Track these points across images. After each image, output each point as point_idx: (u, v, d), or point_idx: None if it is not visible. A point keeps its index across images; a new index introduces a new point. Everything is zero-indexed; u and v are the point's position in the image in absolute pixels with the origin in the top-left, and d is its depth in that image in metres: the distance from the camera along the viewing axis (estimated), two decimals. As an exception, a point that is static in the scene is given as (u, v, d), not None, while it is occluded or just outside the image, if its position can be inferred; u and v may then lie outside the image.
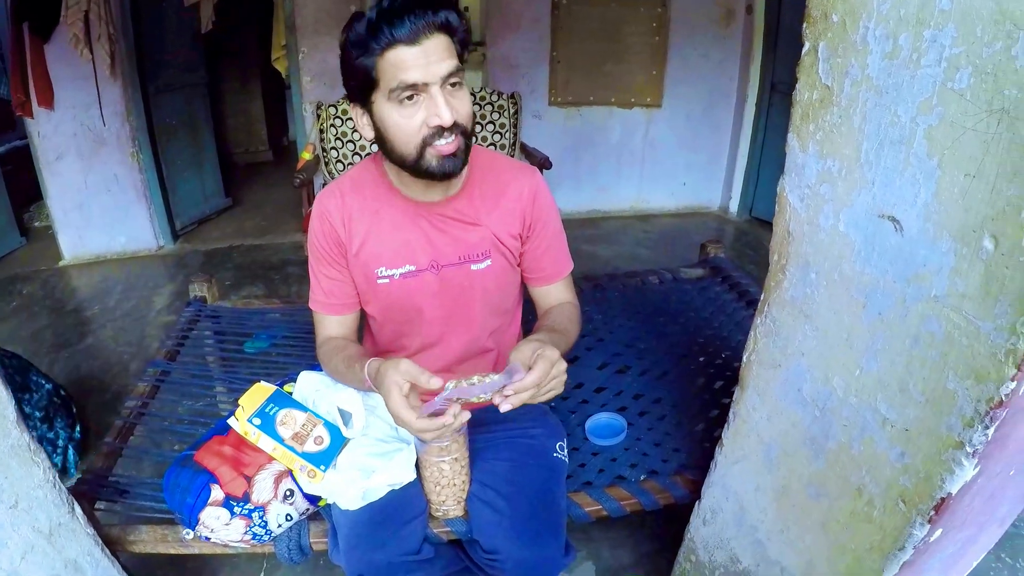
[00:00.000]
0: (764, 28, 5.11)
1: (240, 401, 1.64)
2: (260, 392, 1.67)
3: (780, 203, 1.22)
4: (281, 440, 1.57)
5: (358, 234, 1.55)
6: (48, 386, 2.78)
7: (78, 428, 2.81)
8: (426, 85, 1.30)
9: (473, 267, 1.57)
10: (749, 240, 5.22)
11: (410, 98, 1.32)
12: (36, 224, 6.01)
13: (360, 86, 1.36)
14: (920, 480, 0.97)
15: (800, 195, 1.15)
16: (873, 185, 0.99)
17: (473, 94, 4.51)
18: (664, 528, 2.34)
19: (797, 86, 1.12)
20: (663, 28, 5.17)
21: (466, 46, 1.35)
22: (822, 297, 1.14)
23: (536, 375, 1.25)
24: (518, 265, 1.65)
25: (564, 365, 1.31)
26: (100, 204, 5.20)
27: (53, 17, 4.51)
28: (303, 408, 1.64)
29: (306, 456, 1.56)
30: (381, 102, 1.35)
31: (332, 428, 1.60)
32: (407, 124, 1.34)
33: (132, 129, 5.05)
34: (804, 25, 1.09)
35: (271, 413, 1.61)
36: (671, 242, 5.24)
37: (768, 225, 5.10)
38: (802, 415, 1.24)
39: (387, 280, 1.56)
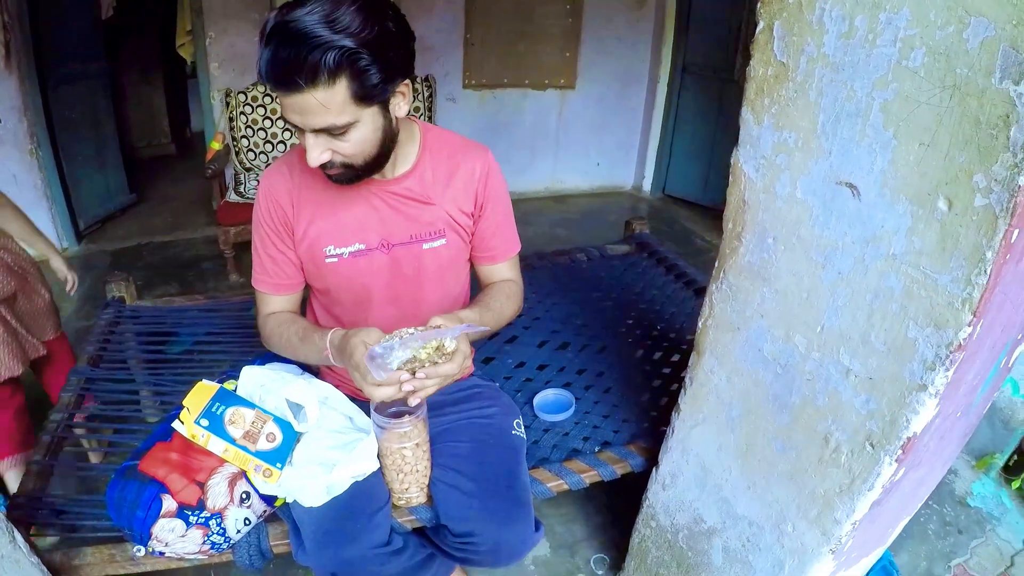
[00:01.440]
0: (676, 11, 5.25)
1: (184, 403, 1.51)
2: (204, 391, 1.54)
3: (734, 174, 1.28)
4: (232, 440, 1.47)
5: (306, 211, 1.53)
6: None
7: None
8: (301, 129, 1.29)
9: (425, 246, 1.56)
10: (664, 217, 5.38)
11: (296, 128, 1.30)
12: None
13: None
14: (886, 423, 1.05)
15: (756, 165, 1.22)
16: (830, 155, 1.06)
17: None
18: (612, 500, 2.40)
19: (751, 62, 1.18)
20: (577, 10, 5.22)
21: (370, 93, 1.25)
22: (781, 261, 1.21)
23: (453, 367, 1.31)
24: (469, 243, 1.65)
25: (465, 349, 1.34)
26: None
27: None
28: (250, 405, 1.54)
29: (260, 455, 1.47)
30: None
31: (283, 423, 1.52)
32: (302, 143, 1.34)
33: (30, 125, 4.78)
34: (759, 4, 1.14)
35: (218, 412, 1.50)
36: (588, 221, 5.33)
37: (682, 203, 5.27)
38: (764, 374, 1.31)
39: (335, 259, 1.54)
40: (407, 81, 1.33)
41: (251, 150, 4.44)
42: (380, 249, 1.55)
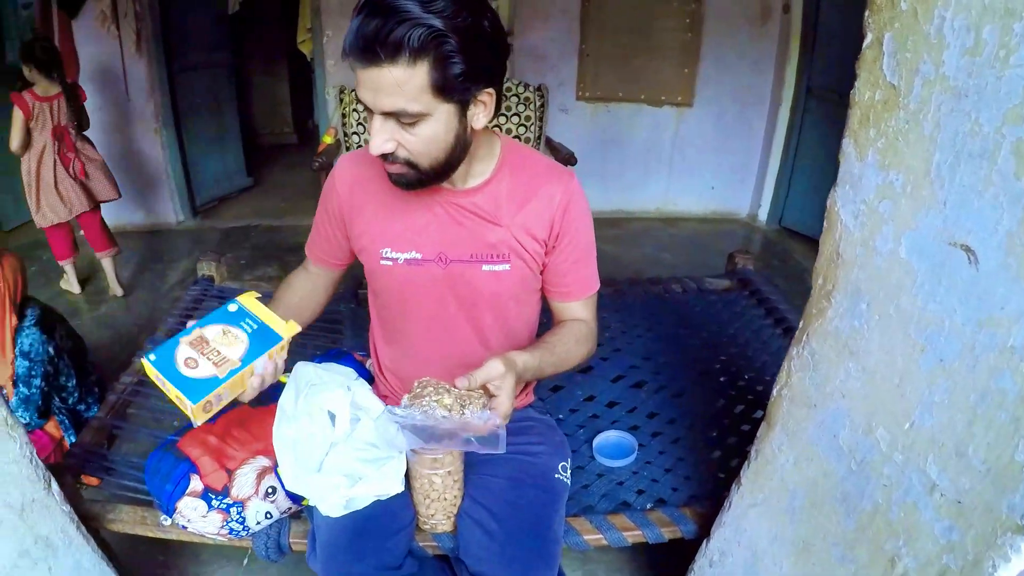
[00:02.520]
0: (801, 28, 4.92)
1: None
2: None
3: (830, 219, 1.07)
4: (171, 372, 1.22)
5: (367, 208, 1.49)
6: (94, 376, 2.81)
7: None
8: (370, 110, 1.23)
9: (485, 268, 1.46)
10: (777, 251, 5.05)
11: (367, 110, 1.24)
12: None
13: None
14: (968, 563, 0.83)
15: (854, 211, 1.00)
16: (944, 206, 0.84)
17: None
18: (667, 558, 2.19)
19: (856, 84, 0.97)
20: (697, 24, 5.00)
21: (452, 86, 1.19)
22: (873, 333, 0.99)
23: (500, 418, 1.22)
24: (540, 274, 1.54)
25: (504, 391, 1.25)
26: (121, 178, 5.29)
27: None
28: (236, 324, 1.32)
29: (181, 383, 1.21)
30: None
31: (254, 343, 1.29)
32: (369, 130, 1.27)
33: (156, 106, 5.18)
34: (866, 13, 0.94)
35: (178, 337, 1.27)
36: (696, 248, 5.09)
37: (799, 237, 4.94)
38: (836, 465, 1.10)
39: (390, 263, 1.48)
40: (491, 91, 1.26)
41: (360, 146, 4.43)
42: (436, 262, 1.47)
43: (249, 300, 1.34)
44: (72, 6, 4.72)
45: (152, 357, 1.21)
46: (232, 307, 1.33)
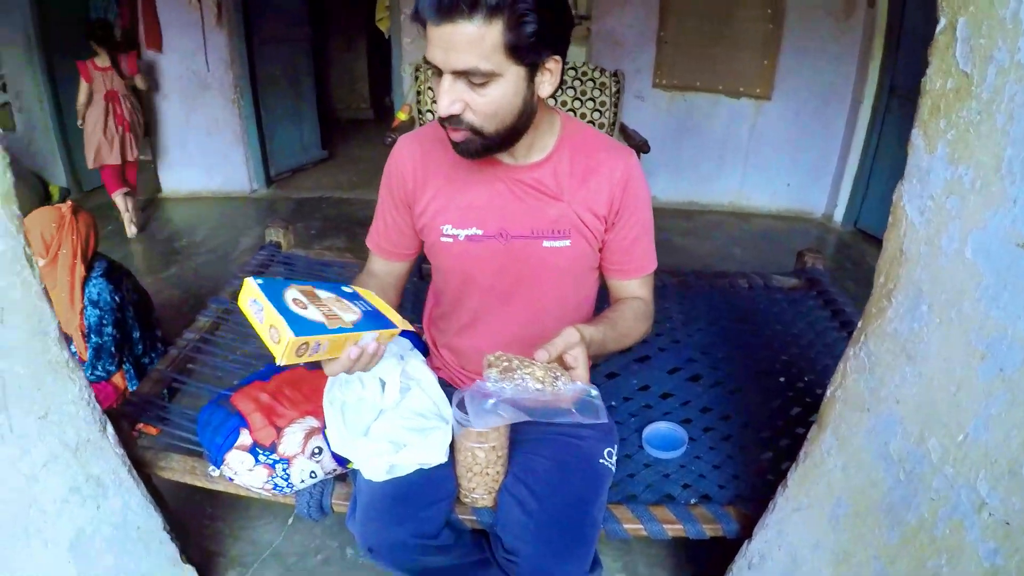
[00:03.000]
0: (886, 25, 4.72)
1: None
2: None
3: (895, 214, 1.01)
4: (278, 301, 1.15)
5: (430, 186, 1.50)
6: (159, 332, 2.96)
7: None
8: (439, 70, 1.22)
9: (546, 243, 1.47)
10: (851, 254, 4.89)
11: (436, 72, 1.24)
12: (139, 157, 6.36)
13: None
14: None
15: (920, 207, 0.94)
16: (1014, 204, 0.79)
17: (574, 68, 4.35)
18: (708, 556, 2.15)
19: (928, 72, 0.92)
20: (778, 15, 4.86)
21: (524, 46, 1.19)
22: (932, 337, 0.93)
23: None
24: (599, 251, 1.53)
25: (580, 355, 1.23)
26: (200, 144, 5.58)
27: None
28: (348, 298, 1.31)
29: (288, 316, 1.12)
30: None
31: (368, 320, 1.26)
32: (436, 94, 1.28)
33: (235, 77, 5.35)
34: (940, -5, 0.87)
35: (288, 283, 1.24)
36: (768, 245, 4.97)
37: (874, 240, 4.77)
38: (884, 474, 1.05)
39: (451, 240, 1.49)
40: (557, 59, 1.27)
41: (434, 123, 4.46)
42: (497, 238, 1.47)
43: (366, 292, 1.37)
44: None
45: (258, 281, 1.16)
46: (347, 288, 1.34)
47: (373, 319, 1.26)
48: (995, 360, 0.82)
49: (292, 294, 1.18)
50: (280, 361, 1.10)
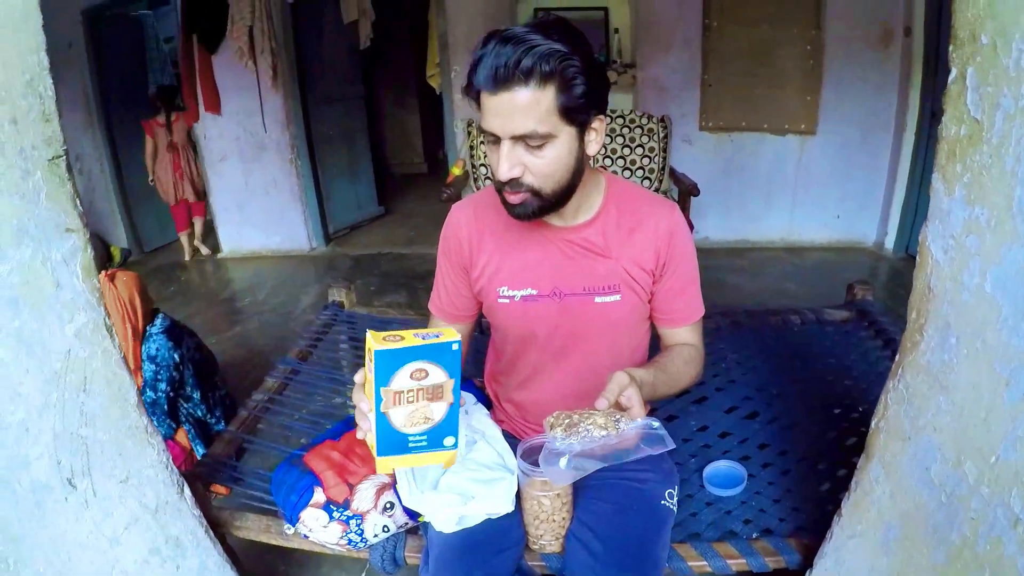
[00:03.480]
0: (924, 51, 4.75)
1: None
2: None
3: (921, 254, 1.07)
4: (378, 396, 1.16)
5: (485, 250, 1.55)
6: (223, 391, 3.00)
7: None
8: (497, 136, 1.29)
9: (598, 299, 1.51)
10: (904, 280, 4.73)
11: (491, 139, 1.31)
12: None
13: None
14: None
15: (944, 246, 1.00)
16: None
17: (622, 116, 4.44)
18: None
19: (944, 119, 0.99)
20: (818, 51, 4.92)
21: (575, 107, 1.28)
22: (962, 367, 0.99)
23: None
24: (648, 302, 1.58)
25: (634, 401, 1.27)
26: (259, 204, 5.68)
27: (220, 31, 5.00)
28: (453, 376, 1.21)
29: (380, 420, 1.17)
30: (480, 127, 1.35)
31: (447, 423, 1.23)
32: (491, 161, 1.35)
33: (291, 137, 5.46)
34: (950, 48, 0.95)
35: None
36: (821, 278, 4.94)
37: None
38: (928, 498, 1.09)
39: (507, 300, 1.54)
40: (602, 117, 1.36)
41: (488, 178, 4.60)
42: (551, 297, 1.52)
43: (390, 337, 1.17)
44: (212, 42, 5.04)
45: (375, 360, 1.14)
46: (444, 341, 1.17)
47: (443, 357, 1.16)
48: (1018, 385, 0.87)
49: (402, 414, 1.18)
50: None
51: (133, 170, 5.69)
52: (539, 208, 1.37)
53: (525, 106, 1.23)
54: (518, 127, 1.25)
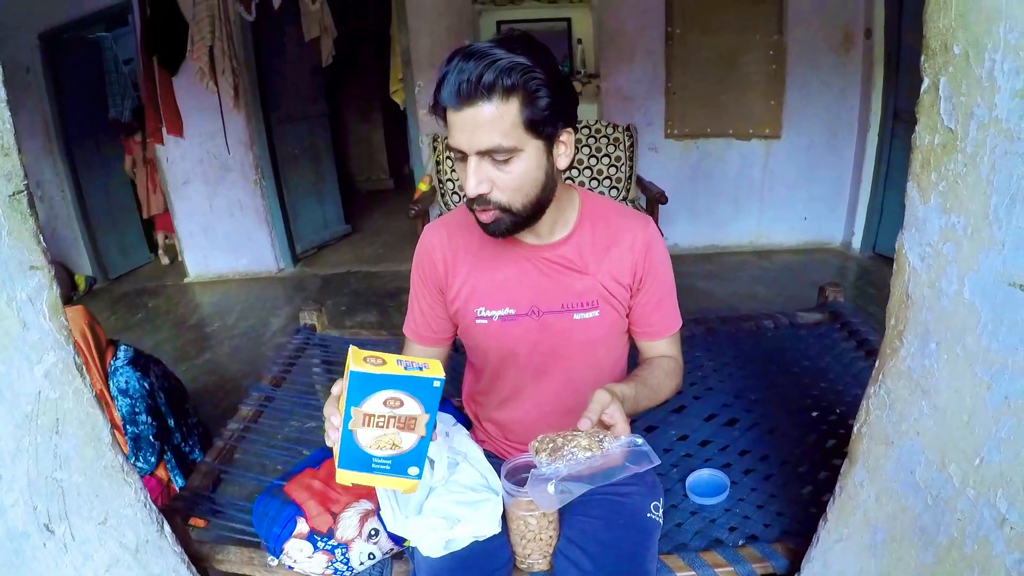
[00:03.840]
0: (884, 53, 4.86)
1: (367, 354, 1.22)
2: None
3: (898, 262, 1.09)
4: (352, 403, 1.17)
5: (460, 271, 1.54)
6: (195, 418, 2.92)
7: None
8: (464, 153, 1.30)
9: (576, 316, 1.51)
10: (872, 279, 4.93)
11: (460, 157, 1.32)
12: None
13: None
14: None
15: (920, 254, 1.02)
16: (1003, 247, 0.86)
17: (588, 127, 4.46)
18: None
19: (916, 128, 1.00)
20: (780, 56, 5.02)
21: (540, 120, 1.28)
22: (942, 372, 1.00)
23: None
24: (626, 316, 1.58)
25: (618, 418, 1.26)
26: (224, 227, 5.62)
27: (180, 52, 4.93)
28: (429, 411, 1.21)
29: (345, 437, 1.19)
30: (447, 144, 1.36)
31: (414, 453, 1.23)
32: (461, 179, 1.35)
33: (255, 157, 5.41)
34: (922, 58, 0.96)
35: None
36: (790, 280, 5.02)
37: (893, 262, 4.81)
38: (913, 501, 1.11)
39: (485, 321, 1.53)
40: (570, 131, 1.36)
41: (456, 193, 4.59)
42: (530, 315, 1.52)
43: (368, 361, 1.16)
44: (172, 63, 4.98)
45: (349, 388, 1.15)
46: (424, 373, 1.16)
47: (421, 391, 1.17)
48: (999, 389, 0.89)
49: (369, 436, 1.18)
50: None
51: (95, 196, 5.64)
52: (512, 225, 1.37)
53: (489, 121, 1.24)
54: (483, 142, 1.26)
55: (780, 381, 2.44)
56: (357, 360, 1.14)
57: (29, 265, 1.16)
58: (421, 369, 1.17)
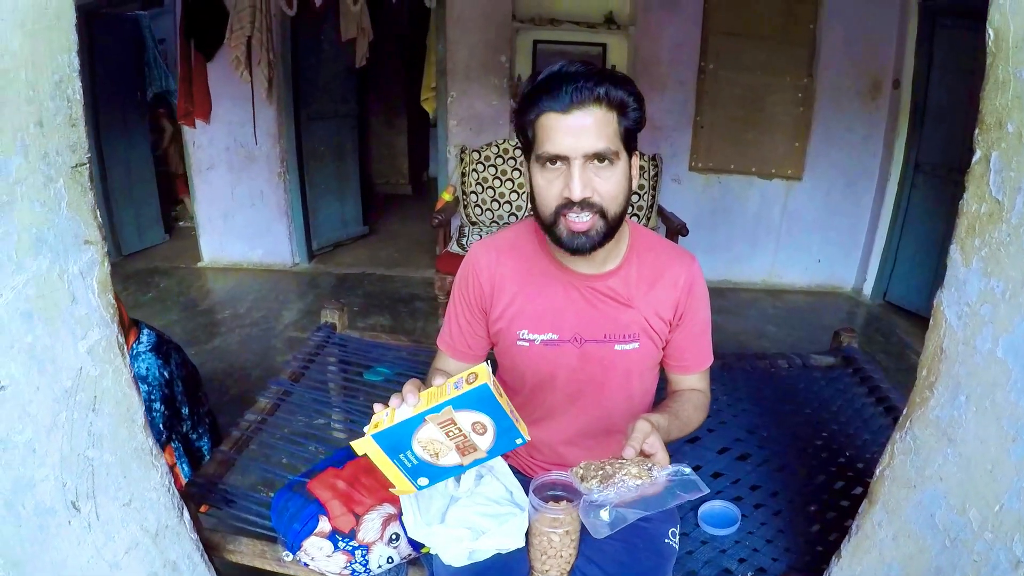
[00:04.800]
0: (911, 104, 4.93)
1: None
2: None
3: (935, 318, 1.15)
4: (434, 408, 1.25)
5: (506, 293, 1.56)
6: (206, 407, 2.87)
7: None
8: (567, 157, 1.32)
9: (617, 347, 1.54)
10: (880, 326, 4.99)
11: (553, 163, 1.34)
12: (181, 224, 6.57)
13: (522, 142, 1.41)
14: None
15: (958, 312, 1.09)
16: None
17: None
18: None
19: (965, 196, 1.06)
20: (808, 99, 5.09)
21: (636, 127, 1.35)
22: (969, 423, 1.07)
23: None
24: (662, 349, 1.61)
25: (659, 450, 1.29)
26: (243, 215, 5.61)
27: (218, 38, 4.94)
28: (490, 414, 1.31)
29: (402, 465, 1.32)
30: (533, 162, 1.38)
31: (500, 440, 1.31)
32: (547, 189, 1.37)
33: (282, 150, 5.42)
34: (976, 131, 1.03)
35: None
36: (801, 321, 5.07)
37: (903, 312, 4.84)
38: (931, 542, 1.16)
39: (527, 344, 1.55)
40: (638, 154, 1.43)
41: (478, 206, 4.61)
42: (572, 343, 1.54)
43: (496, 386, 1.23)
44: (209, 49, 5.01)
45: (379, 437, 1.25)
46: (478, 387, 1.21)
47: (505, 436, 1.27)
48: (1024, 442, 0.96)
49: (427, 435, 1.25)
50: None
51: (117, 172, 5.65)
52: (603, 235, 1.38)
53: (598, 125, 1.29)
54: (592, 145, 1.29)
55: (792, 420, 2.48)
56: (488, 378, 1.20)
57: (84, 239, 1.17)
58: (519, 421, 1.26)
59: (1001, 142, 0.98)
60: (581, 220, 1.35)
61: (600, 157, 1.31)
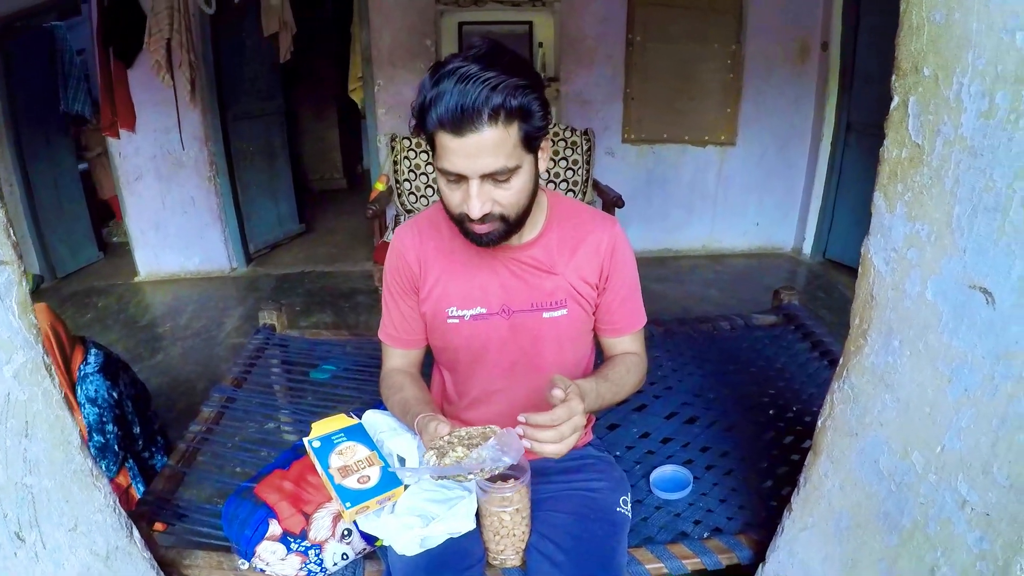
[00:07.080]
0: (840, 66, 5.02)
1: (314, 424, 1.69)
2: (339, 422, 1.72)
3: (864, 265, 1.16)
4: (326, 467, 1.58)
5: (432, 272, 1.57)
6: (157, 424, 2.84)
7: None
8: (465, 176, 1.30)
9: (545, 315, 1.55)
10: (822, 283, 5.08)
11: (451, 178, 1.33)
12: (114, 240, 6.33)
13: (427, 143, 1.37)
14: (998, 567, 0.91)
15: (885, 258, 1.10)
16: (964, 253, 0.93)
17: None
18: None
19: (885, 142, 1.07)
20: (737, 65, 5.14)
21: (535, 135, 1.31)
22: (905, 367, 1.08)
23: (546, 417, 1.26)
24: (592, 314, 1.62)
25: (580, 421, 1.29)
26: (176, 225, 5.44)
27: (137, 43, 4.76)
28: (371, 447, 1.64)
29: (339, 489, 1.52)
30: (437, 166, 1.35)
31: (387, 475, 1.56)
32: (449, 196, 1.37)
33: (210, 154, 5.28)
34: (893, 78, 1.03)
35: (336, 441, 1.64)
36: (742, 283, 5.14)
37: (843, 268, 4.93)
38: (877, 488, 1.18)
39: (457, 320, 1.56)
40: (547, 135, 1.38)
41: (412, 193, 4.56)
42: (500, 315, 1.56)
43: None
44: (128, 55, 4.83)
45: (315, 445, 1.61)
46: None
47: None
48: (959, 382, 0.96)
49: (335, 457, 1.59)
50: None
51: (44, 191, 5.43)
52: (506, 233, 1.40)
53: (494, 145, 1.25)
54: (488, 165, 1.27)
55: (737, 380, 2.50)
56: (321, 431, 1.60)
57: (-2, 260, 1.10)
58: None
59: (918, 86, 0.98)
60: (482, 226, 1.37)
61: (499, 174, 1.30)
